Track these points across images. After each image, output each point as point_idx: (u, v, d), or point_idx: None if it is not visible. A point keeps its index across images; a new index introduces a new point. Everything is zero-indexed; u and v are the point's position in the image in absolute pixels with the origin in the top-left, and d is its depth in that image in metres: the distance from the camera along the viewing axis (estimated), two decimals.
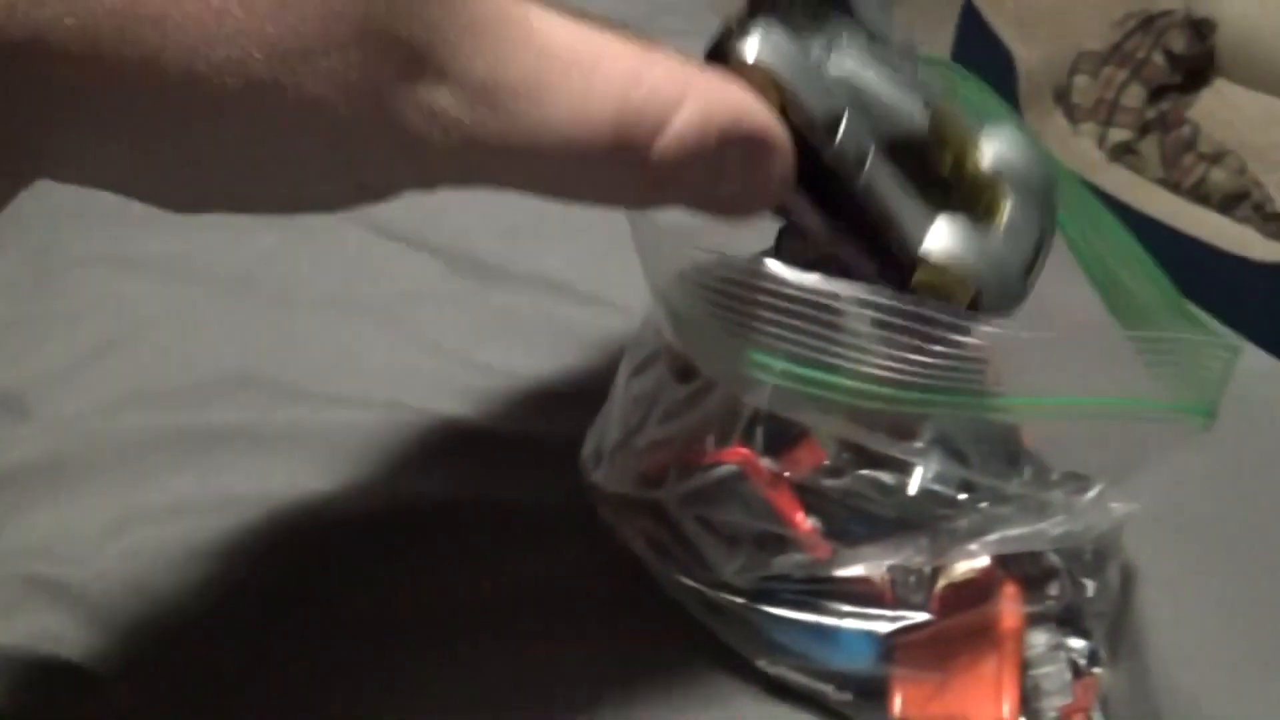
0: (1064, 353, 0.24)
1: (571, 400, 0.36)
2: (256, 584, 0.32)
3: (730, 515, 0.28)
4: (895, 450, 0.25)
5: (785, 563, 0.27)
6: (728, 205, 0.22)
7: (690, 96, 0.20)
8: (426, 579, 0.32)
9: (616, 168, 0.20)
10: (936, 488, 0.25)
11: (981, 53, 1.27)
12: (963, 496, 0.25)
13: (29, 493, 0.34)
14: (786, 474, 0.26)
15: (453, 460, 0.35)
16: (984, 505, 0.25)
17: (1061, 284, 0.27)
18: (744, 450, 0.26)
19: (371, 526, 0.33)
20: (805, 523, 0.27)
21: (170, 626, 0.31)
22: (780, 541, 0.27)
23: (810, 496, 0.27)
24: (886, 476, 0.25)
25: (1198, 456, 0.37)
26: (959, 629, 0.27)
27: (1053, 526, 0.25)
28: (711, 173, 0.21)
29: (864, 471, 0.25)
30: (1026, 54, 1.23)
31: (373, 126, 0.18)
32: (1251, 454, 0.38)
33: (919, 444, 0.25)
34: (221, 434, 0.35)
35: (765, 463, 0.26)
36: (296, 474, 0.34)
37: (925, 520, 0.25)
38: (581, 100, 0.19)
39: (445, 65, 0.18)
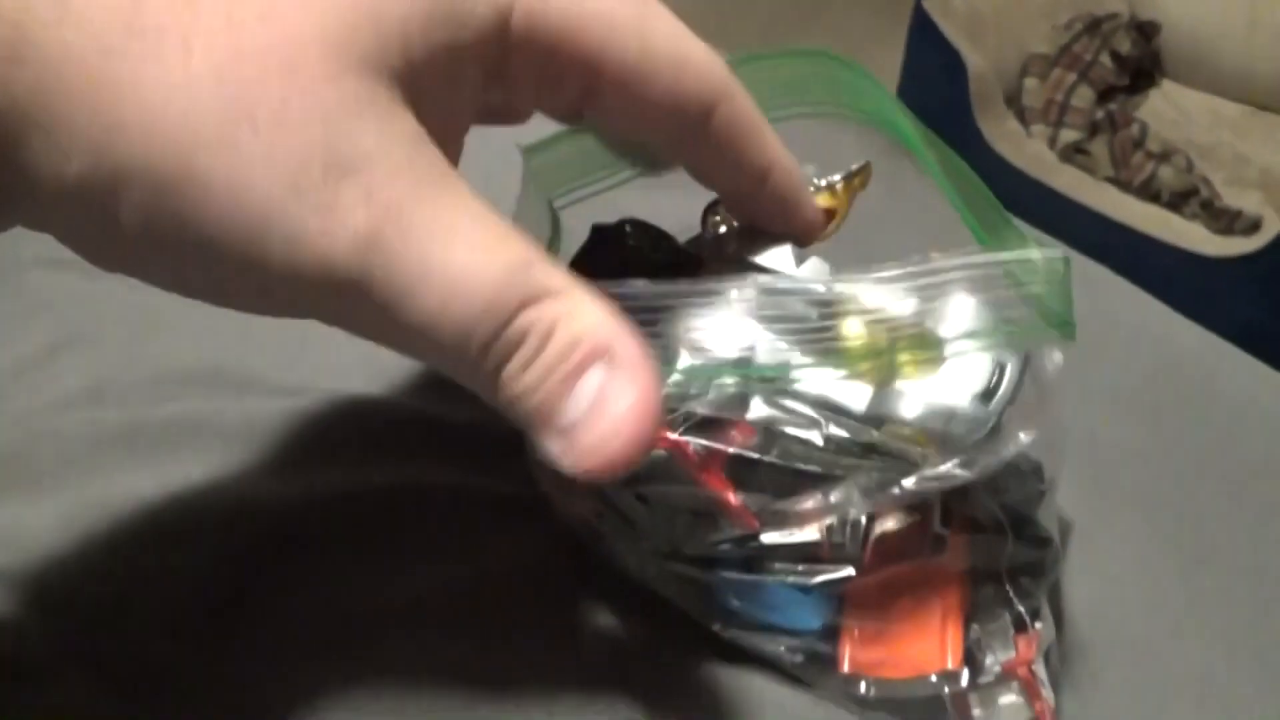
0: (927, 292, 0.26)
1: None
2: (208, 577, 0.32)
3: (666, 494, 0.28)
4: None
5: (723, 534, 0.28)
6: (560, 427, 0.22)
7: (569, 292, 0.21)
8: (383, 568, 0.32)
9: (482, 327, 0.21)
10: (842, 434, 0.26)
11: (933, 58, 1.29)
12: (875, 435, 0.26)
13: None
14: (719, 446, 0.27)
15: (408, 448, 0.35)
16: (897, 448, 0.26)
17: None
18: (672, 437, 0.27)
19: (326, 518, 0.33)
20: (735, 499, 0.27)
21: (122, 619, 0.31)
22: (714, 515, 0.28)
23: (746, 470, 0.27)
24: (804, 434, 0.26)
25: (1136, 427, 0.39)
26: (904, 582, 0.28)
27: (966, 463, 0.26)
28: (560, 370, 0.21)
29: (785, 430, 0.26)
30: (976, 58, 1.25)
31: (283, 216, 0.20)
32: (1185, 424, 0.39)
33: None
34: (176, 428, 0.36)
35: (695, 445, 0.27)
36: (252, 467, 0.35)
37: (848, 472, 0.26)
38: (481, 257, 0.21)
39: (373, 184, 0.20)
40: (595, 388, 0.21)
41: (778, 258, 0.28)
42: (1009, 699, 0.27)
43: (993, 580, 0.29)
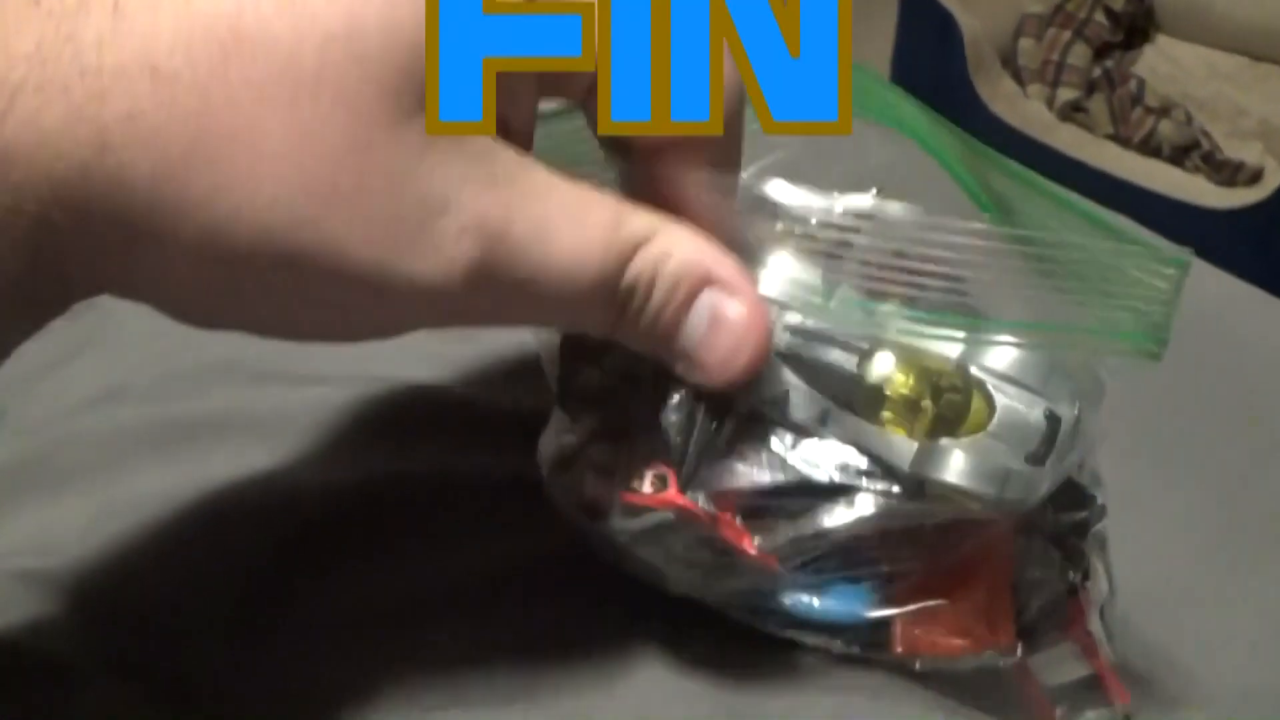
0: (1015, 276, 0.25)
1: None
2: (240, 573, 0.31)
3: (681, 547, 0.27)
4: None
5: (743, 580, 0.27)
6: (684, 352, 0.24)
7: (659, 235, 0.23)
8: (418, 556, 0.32)
9: (597, 294, 0.23)
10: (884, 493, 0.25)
11: (926, 22, 1.28)
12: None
13: (10, 494, 0.33)
14: (730, 490, 0.26)
15: (434, 431, 0.35)
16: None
17: None
18: (679, 500, 0.26)
19: (347, 510, 0.33)
20: (752, 547, 0.26)
21: (154, 618, 0.30)
22: (734, 561, 0.27)
23: (763, 508, 0.26)
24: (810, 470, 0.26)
25: (1159, 376, 0.38)
26: (952, 558, 0.27)
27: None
28: (670, 309, 0.24)
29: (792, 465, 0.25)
30: (970, 20, 1.24)
31: (395, 270, 0.21)
32: (1210, 373, 0.39)
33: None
34: (198, 424, 0.35)
35: (703, 501, 0.26)
36: (276, 459, 0.34)
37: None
38: (579, 239, 0.22)
39: (467, 214, 0.21)
40: (706, 313, 0.24)
41: (804, 284, 0.26)
42: (1068, 661, 0.27)
43: (1040, 545, 0.28)
